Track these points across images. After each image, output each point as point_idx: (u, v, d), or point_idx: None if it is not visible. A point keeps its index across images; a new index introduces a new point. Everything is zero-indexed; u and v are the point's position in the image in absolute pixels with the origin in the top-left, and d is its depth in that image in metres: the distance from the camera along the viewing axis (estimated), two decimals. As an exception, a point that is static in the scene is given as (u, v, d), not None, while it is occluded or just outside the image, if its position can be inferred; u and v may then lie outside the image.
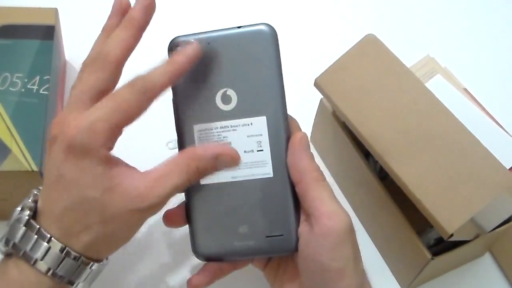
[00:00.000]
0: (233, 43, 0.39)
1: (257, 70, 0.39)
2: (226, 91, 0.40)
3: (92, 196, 0.35)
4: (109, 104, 0.36)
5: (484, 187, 0.41)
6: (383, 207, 0.48)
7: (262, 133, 0.39)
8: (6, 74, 0.51)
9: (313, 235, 0.37)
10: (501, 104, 0.57)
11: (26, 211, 0.36)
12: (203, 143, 0.40)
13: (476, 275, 0.52)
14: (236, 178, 0.40)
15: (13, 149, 0.47)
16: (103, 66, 0.37)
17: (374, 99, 0.46)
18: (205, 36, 0.40)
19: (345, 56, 0.48)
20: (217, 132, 0.40)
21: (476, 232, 0.45)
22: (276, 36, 0.39)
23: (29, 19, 0.55)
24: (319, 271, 0.37)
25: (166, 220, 0.41)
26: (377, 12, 0.71)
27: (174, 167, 0.37)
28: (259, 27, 0.39)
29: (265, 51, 0.39)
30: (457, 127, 0.43)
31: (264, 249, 0.40)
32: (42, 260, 0.35)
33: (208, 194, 0.40)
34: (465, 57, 0.67)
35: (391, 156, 0.44)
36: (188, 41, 0.39)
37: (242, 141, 0.39)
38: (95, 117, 0.35)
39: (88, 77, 0.37)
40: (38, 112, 0.49)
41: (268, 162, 0.39)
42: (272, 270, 0.43)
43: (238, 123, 0.40)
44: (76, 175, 0.35)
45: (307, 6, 0.71)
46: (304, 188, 0.38)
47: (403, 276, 0.50)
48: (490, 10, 0.73)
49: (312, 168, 0.38)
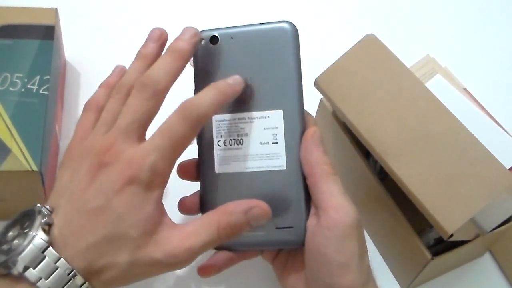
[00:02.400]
0: (255, 39, 0.41)
1: (276, 66, 0.41)
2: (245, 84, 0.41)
3: (132, 235, 0.34)
4: (168, 142, 0.35)
5: (484, 187, 0.41)
6: (383, 207, 0.48)
7: (278, 126, 0.40)
8: (6, 74, 0.51)
9: (319, 227, 0.37)
10: (501, 104, 0.57)
11: (41, 233, 0.33)
12: (221, 133, 0.41)
13: (476, 275, 0.52)
14: (250, 169, 0.41)
15: (13, 149, 0.47)
16: (154, 95, 0.36)
17: (374, 99, 0.46)
18: (229, 31, 0.41)
19: (345, 56, 0.48)
20: (235, 123, 0.41)
21: (476, 232, 0.45)
22: (297, 34, 0.41)
23: (29, 19, 0.55)
24: (324, 263, 0.37)
25: (181, 207, 0.42)
26: (377, 12, 0.71)
27: (206, 224, 0.36)
28: (281, 24, 0.41)
29: (285, 48, 0.41)
30: (457, 127, 0.43)
31: (274, 240, 0.40)
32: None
33: (221, 184, 0.41)
34: (465, 57, 0.67)
35: (391, 156, 0.44)
36: (235, 79, 0.39)
37: (258, 132, 0.41)
38: (157, 156, 0.35)
39: (139, 105, 0.36)
40: (38, 112, 0.49)
41: (282, 154, 0.40)
42: (281, 263, 0.43)
43: (255, 115, 0.41)
44: (126, 210, 0.34)
45: (307, 6, 0.71)
46: (314, 180, 0.39)
47: (403, 276, 0.50)
48: (490, 10, 0.73)
49: (323, 162, 0.39)
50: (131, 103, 0.37)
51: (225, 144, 0.41)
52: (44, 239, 0.33)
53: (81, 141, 0.38)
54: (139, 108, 0.36)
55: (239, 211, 0.36)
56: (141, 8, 0.69)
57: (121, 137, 0.36)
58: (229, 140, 0.41)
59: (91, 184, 0.35)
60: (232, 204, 0.37)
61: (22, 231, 0.34)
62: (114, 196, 0.34)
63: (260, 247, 0.43)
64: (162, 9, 0.69)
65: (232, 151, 0.41)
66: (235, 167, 0.41)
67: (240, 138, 0.41)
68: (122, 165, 0.34)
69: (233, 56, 0.41)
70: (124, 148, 0.35)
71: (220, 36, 0.41)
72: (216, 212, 0.37)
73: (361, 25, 0.69)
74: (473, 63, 0.67)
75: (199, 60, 0.42)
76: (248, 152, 0.41)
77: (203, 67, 0.42)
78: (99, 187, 0.34)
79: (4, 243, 0.34)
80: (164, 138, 0.35)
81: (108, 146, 0.35)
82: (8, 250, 0.33)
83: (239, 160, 0.41)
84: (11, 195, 0.49)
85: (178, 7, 0.70)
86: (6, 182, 0.47)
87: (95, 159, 0.35)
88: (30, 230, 0.33)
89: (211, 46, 0.42)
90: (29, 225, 0.34)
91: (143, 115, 0.36)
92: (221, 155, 0.41)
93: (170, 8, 0.69)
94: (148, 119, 0.37)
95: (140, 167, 0.34)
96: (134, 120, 0.36)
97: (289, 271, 0.42)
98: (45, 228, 0.33)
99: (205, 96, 0.37)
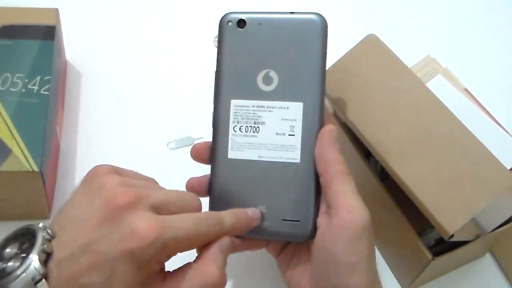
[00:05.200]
0: (283, 28, 0.41)
1: (302, 57, 0.40)
2: (268, 72, 0.41)
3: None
4: (189, 225, 0.34)
5: (484, 187, 0.41)
6: (383, 207, 0.48)
7: (296, 119, 0.40)
8: (7, 74, 0.51)
9: (331, 227, 0.37)
10: (501, 104, 0.57)
11: (37, 262, 0.31)
12: (238, 119, 0.41)
13: (476, 276, 0.52)
14: (263, 158, 0.41)
15: (14, 149, 0.47)
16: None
17: (375, 99, 0.46)
18: (257, 16, 0.41)
19: (346, 56, 0.48)
20: (253, 110, 0.41)
21: (476, 232, 0.45)
22: (326, 28, 0.41)
23: (29, 19, 0.55)
24: (332, 263, 0.37)
25: (189, 187, 0.42)
26: (378, 12, 0.71)
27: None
28: (311, 16, 0.41)
29: (313, 40, 0.40)
30: (458, 127, 0.43)
31: (279, 231, 0.40)
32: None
33: (233, 169, 0.41)
34: (466, 58, 0.67)
35: (392, 156, 0.44)
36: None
37: (276, 123, 0.40)
38: (175, 234, 0.33)
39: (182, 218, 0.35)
40: (39, 113, 0.49)
41: (297, 147, 0.40)
42: (285, 259, 0.43)
43: (275, 105, 0.41)
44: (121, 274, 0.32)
45: (307, 7, 0.71)
46: (328, 179, 0.39)
47: (403, 277, 0.50)
48: (490, 10, 0.73)
49: (339, 161, 0.39)
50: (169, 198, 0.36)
51: (241, 130, 0.41)
52: (39, 269, 0.31)
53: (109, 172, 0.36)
54: (172, 199, 0.36)
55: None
56: (141, 8, 0.69)
57: (144, 192, 0.34)
58: (245, 127, 0.41)
59: (102, 225, 0.33)
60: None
61: (20, 252, 0.32)
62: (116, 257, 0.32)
63: (265, 237, 0.42)
64: (162, 9, 0.69)
65: (248, 138, 0.41)
66: (248, 154, 0.41)
67: (257, 126, 0.41)
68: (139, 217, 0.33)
69: (259, 42, 0.41)
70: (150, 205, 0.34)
71: (248, 20, 0.41)
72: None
73: (362, 25, 0.69)
74: (474, 63, 0.67)
75: (223, 42, 0.42)
76: (263, 140, 0.41)
77: (227, 49, 0.41)
78: (108, 233, 0.32)
79: (0, 259, 0.33)
80: (188, 220, 0.35)
81: (130, 192, 0.34)
82: (2, 271, 0.32)
83: (253, 148, 0.41)
84: (12, 195, 0.49)
85: (178, 7, 0.70)
86: (7, 182, 0.47)
87: (114, 199, 0.33)
88: (28, 254, 0.32)
89: (238, 30, 0.41)
90: (28, 248, 0.32)
91: (172, 205, 0.35)
92: (235, 140, 0.41)
93: (170, 8, 0.69)
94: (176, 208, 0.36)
95: (146, 237, 0.32)
96: (166, 196, 0.35)
97: (294, 267, 0.42)
98: (42, 258, 0.32)
99: (233, 217, 0.38)
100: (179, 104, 0.61)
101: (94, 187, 0.34)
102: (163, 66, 0.64)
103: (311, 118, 0.40)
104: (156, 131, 0.59)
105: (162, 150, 0.58)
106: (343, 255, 0.37)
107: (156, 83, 0.62)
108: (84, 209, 0.34)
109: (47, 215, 0.51)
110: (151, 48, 0.65)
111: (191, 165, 0.43)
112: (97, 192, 0.34)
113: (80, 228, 0.33)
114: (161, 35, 0.67)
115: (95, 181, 0.35)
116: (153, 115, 0.60)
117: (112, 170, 0.36)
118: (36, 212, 0.50)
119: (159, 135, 0.58)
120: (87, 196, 0.34)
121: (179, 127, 0.59)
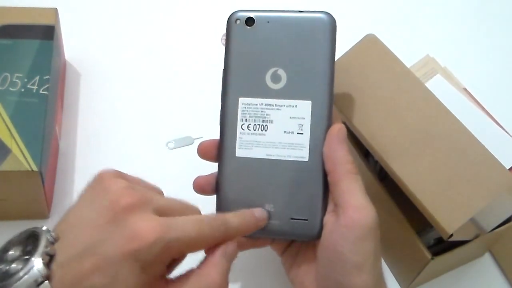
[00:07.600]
0: (292, 26, 0.41)
1: (311, 56, 0.40)
2: (277, 71, 0.41)
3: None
4: (191, 227, 0.34)
5: (484, 187, 0.41)
6: (383, 207, 0.48)
7: (305, 117, 0.40)
8: (6, 74, 0.51)
9: (337, 226, 0.37)
10: (501, 104, 0.57)
11: (40, 264, 0.31)
12: (246, 117, 0.41)
13: (476, 276, 0.52)
14: (271, 156, 0.40)
15: (13, 149, 0.47)
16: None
17: (374, 99, 0.46)
18: (266, 15, 0.41)
19: (345, 56, 0.48)
20: (261, 108, 0.41)
21: (476, 232, 0.45)
22: (335, 27, 0.41)
23: (29, 19, 0.55)
24: (338, 262, 0.37)
25: (196, 186, 0.42)
26: (377, 12, 0.71)
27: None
28: (320, 15, 0.41)
29: (322, 39, 0.40)
30: (457, 127, 0.43)
31: (286, 231, 0.40)
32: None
33: (240, 167, 0.41)
34: (465, 57, 0.67)
35: (391, 156, 0.44)
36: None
37: (284, 121, 0.40)
38: (178, 235, 0.33)
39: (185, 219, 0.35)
40: (38, 112, 0.49)
41: (305, 146, 0.40)
42: (290, 256, 0.43)
43: (283, 103, 0.41)
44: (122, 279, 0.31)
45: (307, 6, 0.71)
46: (336, 178, 0.39)
47: (403, 276, 0.50)
48: (490, 10, 0.73)
49: (347, 160, 0.39)
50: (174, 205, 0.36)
51: (248, 129, 0.41)
52: (42, 272, 0.31)
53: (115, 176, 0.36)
54: (180, 208, 0.36)
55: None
56: (141, 8, 0.69)
57: (149, 196, 0.35)
58: (253, 125, 0.41)
59: (105, 227, 0.32)
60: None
61: (23, 255, 0.32)
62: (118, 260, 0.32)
63: (273, 235, 0.42)
64: (162, 9, 0.69)
65: (256, 136, 0.41)
66: (256, 152, 0.41)
67: (265, 124, 0.41)
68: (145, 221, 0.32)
69: (267, 41, 0.41)
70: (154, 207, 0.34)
71: (257, 18, 0.41)
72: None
73: (361, 25, 0.69)
74: (473, 63, 0.67)
75: (231, 40, 0.41)
76: (271, 139, 0.41)
77: (235, 47, 0.41)
78: (111, 235, 0.32)
79: (3, 262, 0.33)
80: (192, 223, 0.34)
81: (141, 195, 0.34)
82: (5, 272, 0.32)
83: (261, 146, 0.41)
84: (11, 195, 0.49)
85: (178, 7, 0.70)
86: (6, 182, 0.47)
87: (119, 200, 0.33)
88: (31, 257, 0.32)
89: (246, 28, 0.41)
90: (31, 251, 0.32)
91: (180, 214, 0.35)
92: (243, 139, 0.41)
93: (170, 8, 0.69)
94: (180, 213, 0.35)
95: (158, 235, 0.32)
96: (167, 207, 0.35)
97: (299, 265, 0.42)
98: (45, 260, 0.32)
99: (239, 219, 0.37)
100: (178, 104, 0.61)
101: (98, 190, 0.34)
102: (163, 66, 0.64)
103: (320, 116, 0.40)
104: (155, 131, 0.59)
105: (161, 150, 0.58)
106: (350, 254, 0.37)
107: (155, 83, 0.62)
108: (88, 211, 0.34)
109: (46, 215, 0.51)
110: (150, 48, 0.66)
111: (191, 165, 0.43)
112: (102, 195, 0.34)
113: (84, 230, 0.33)
114: (160, 35, 0.67)
115: (100, 185, 0.35)
116: (153, 115, 0.60)
117: (117, 174, 0.36)
118: (35, 212, 0.50)
119: (158, 134, 0.58)
120: (91, 199, 0.34)
121: (178, 126, 0.59)
